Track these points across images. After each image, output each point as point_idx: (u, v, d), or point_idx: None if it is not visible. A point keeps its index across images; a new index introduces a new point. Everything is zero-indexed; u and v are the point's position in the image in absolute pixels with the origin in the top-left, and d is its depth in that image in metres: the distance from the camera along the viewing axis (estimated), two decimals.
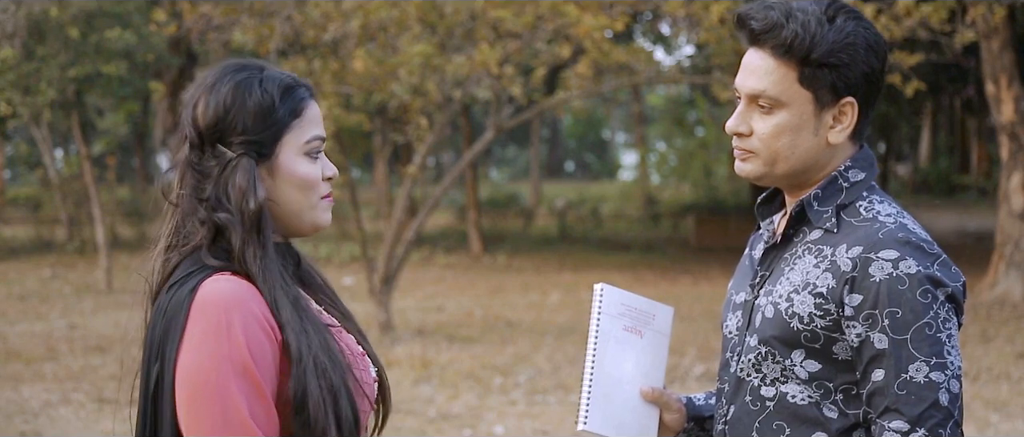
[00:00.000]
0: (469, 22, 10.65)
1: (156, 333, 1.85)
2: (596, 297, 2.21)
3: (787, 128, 2.02)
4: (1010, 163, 13.84)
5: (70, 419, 7.77)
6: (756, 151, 2.05)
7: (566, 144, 58.73)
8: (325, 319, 1.96)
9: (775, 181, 2.10)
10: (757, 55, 2.03)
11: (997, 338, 10.92)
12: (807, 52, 1.98)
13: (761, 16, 2.01)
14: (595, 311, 2.21)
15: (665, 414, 2.26)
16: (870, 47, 2.00)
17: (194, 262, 1.87)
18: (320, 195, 1.96)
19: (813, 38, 1.97)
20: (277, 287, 1.86)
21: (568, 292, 15.18)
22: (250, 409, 1.78)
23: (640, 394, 2.23)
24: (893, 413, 1.92)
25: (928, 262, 1.94)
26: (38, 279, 16.88)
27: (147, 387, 1.87)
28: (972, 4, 11.74)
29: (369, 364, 1.99)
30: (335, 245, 20.78)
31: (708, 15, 10.00)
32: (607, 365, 2.20)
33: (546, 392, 8.63)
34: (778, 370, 2.05)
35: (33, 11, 14.73)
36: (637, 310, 2.26)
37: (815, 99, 2.01)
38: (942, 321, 1.93)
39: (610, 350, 2.21)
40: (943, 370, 1.92)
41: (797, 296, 2.01)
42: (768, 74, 2.01)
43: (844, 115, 2.02)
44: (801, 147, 2.03)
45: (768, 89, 2.01)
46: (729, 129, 2.07)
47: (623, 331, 2.23)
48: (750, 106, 2.05)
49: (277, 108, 1.91)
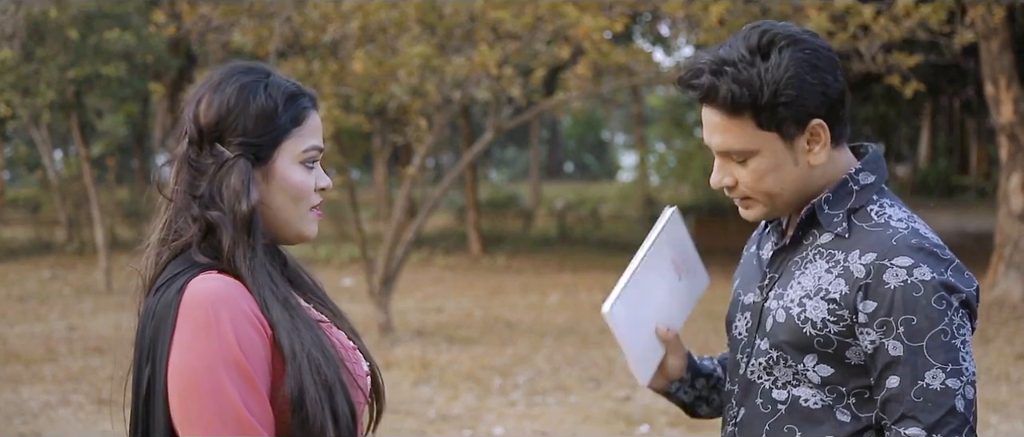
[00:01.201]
0: (468, 23, 10.65)
1: (146, 335, 1.86)
2: (665, 216, 2.26)
3: (767, 170, 2.01)
4: (1009, 164, 13.83)
5: (69, 420, 7.77)
6: (751, 196, 2.06)
7: (565, 145, 58.73)
8: (315, 315, 1.97)
9: (787, 211, 2.09)
10: (710, 113, 2.01)
11: (996, 339, 10.92)
12: (752, 102, 1.95)
13: (695, 81, 1.99)
14: (659, 228, 2.25)
15: (670, 357, 2.29)
16: (815, 68, 1.96)
17: (183, 261, 1.88)
18: (310, 205, 1.97)
19: (752, 88, 1.95)
20: (266, 287, 1.86)
21: (567, 293, 15.18)
22: (245, 403, 1.78)
23: (655, 329, 2.27)
24: (909, 420, 1.93)
25: (942, 268, 1.94)
26: (37, 280, 16.88)
27: (139, 390, 1.87)
28: (971, 5, 11.74)
29: (361, 358, 2.00)
30: (334, 246, 20.79)
31: (707, 16, 9.99)
32: (647, 277, 2.24)
33: (545, 393, 8.63)
34: (790, 374, 2.05)
35: (32, 12, 14.72)
36: (688, 255, 2.33)
37: (781, 135, 1.99)
38: (957, 327, 1.93)
39: (653, 268, 2.26)
40: (959, 377, 1.92)
41: (810, 301, 2.01)
42: (727, 131, 2.00)
43: (816, 136, 2.01)
44: (789, 179, 2.03)
45: (733, 145, 2.01)
46: (714, 185, 2.07)
47: (670, 261, 2.28)
48: (725, 160, 2.05)
49: (279, 114, 1.92)
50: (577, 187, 40.59)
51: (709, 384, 2.35)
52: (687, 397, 2.35)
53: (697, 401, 2.36)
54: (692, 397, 2.35)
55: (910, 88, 10.28)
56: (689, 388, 2.34)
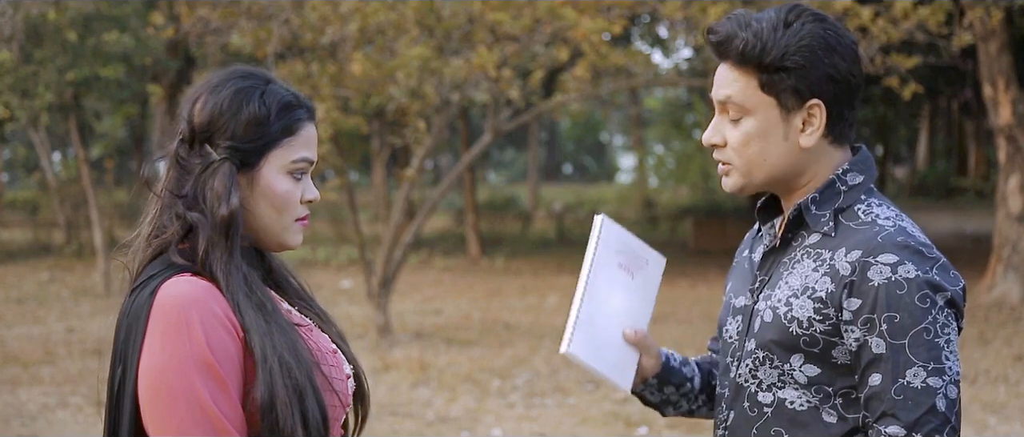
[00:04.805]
0: (467, 25, 10.65)
1: (119, 336, 1.87)
2: (596, 227, 2.23)
3: (755, 135, 2.03)
4: (1008, 166, 13.84)
5: (68, 422, 7.77)
6: (732, 162, 2.07)
7: (564, 147, 58.75)
8: (295, 319, 1.97)
9: (757, 189, 2.11)
10: (722, 67, 2.06)
11: (995, 340, 10.92)
12: (760, 57, 1.99)
13: (721, 28, 2.04)
14: (593, 241, 2.22)
15: (644, 358, 2.28)
16: (830, 47, 1.99)
17: (161, 262, 1.89)
18: (294, 217, 1.97)
19: (766, 43, 1.99)
20: (240, 291, 1.86)
21: (566, 295, 15.17)
22: (216, 403, 1.78)
23: (623, 335, 2.24)
24: (889, 418, 1.92)
25: (927, 266, 1.93)
26: (36, 282, 16.87)
27: (111, 391, 1.88)
28: (969, 7, 11.75)
29: (342, 361, 1.99)
30: (333, 248, 20.79)
31: (706, 18, 10.00)
32: (597, 295, 2.21)
33: (544, 395, 8.63)
34: (775, 375, 2.05)
35: (31, 14, 14.72)
36: (633, 251, 2.28)
37: (779, 103, 2.01)
38: (941, 326, 1.92)
39: (602, 282, 2.22)
40: (941, 375, 1.91)
41: (796, 300, 2.01)
42: (732, 83, 2.03)
43: (813, 117, 2.02)
44: (773, 154, 2.03)
45: (733, 96, 2.03)
46: (705, 141, 2.09)
47: (617, 267, 2.24)
48: (722, 117, 2.07)
49: (271, 122, 1.92)
50: (576, 189, 40.63)
51: (679, 392, 2.34)
52: (653, 398, 2.35)
53: (663, 403, 2.36)
54: (658, 399, 2.35)
55: (908, 90, 10.28)
56: (656, 391, 2.33)
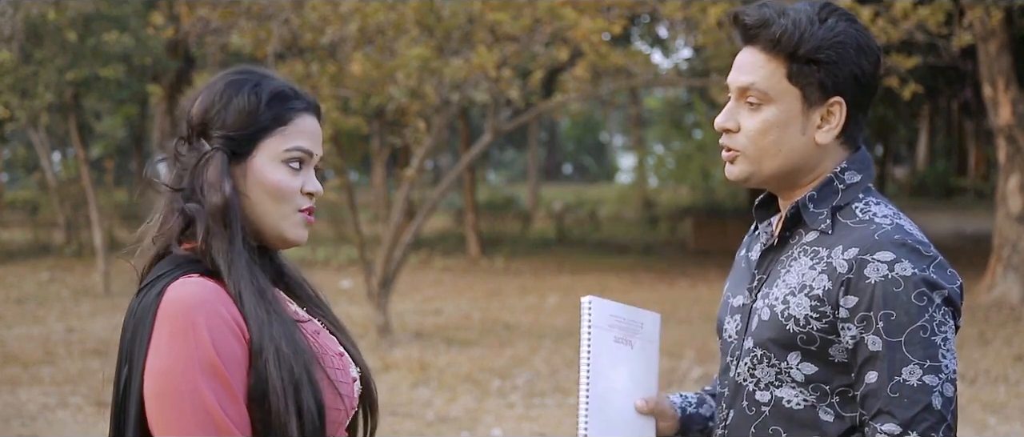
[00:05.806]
0: (467, 25, 10.65)
1: (126, 337, 1.87)
2: (585, 311, 2.20)
3: (774, 124, 2.02)
4: (1007, 166, 13.84)
5: (68, 422, 7.77)
6: (743, 150, 2.05)
7: (564, 147, 58.71)
8: (301, 317, 1.96)
9: (763, 182, 2.09)
10: (749, 52, 2.04)
11: (995, 340, 10.92)
12: (796, 47, 1.99)
13: (754, 13, 2.04)
14: (586, 325, 2.20)
15: (660, 421, 2.26)
16: (860, 48, 2.01)
17: (169, 262, 1.89)
18: (295, 208, 1.95)
19: (803, 34, 1.99)
20: (243, 279, 1.85)
21: (566, 295, 15.18)
22: (221, 405, 1.77)
23: (635, 408, 2.22)
24: (885, 415, 1.92)
25: (924, 264, 1.93)
26: (36, 282, 16.87)
27: (117, 392, 1.87)
28: (969, 7, 11.75)
29: (348, 363, 1.99)
30: (333, 248, 20.79)
31: (706, 18, 10.00)
32: (602, 377, 2.19)
33: (544, 395, 8.64)
34: (772, 374, 2.04)
35: (31, 14, 14.71)
36: (626, 320, 2.25)
37: (803, 96, 2.01)
38: (937, 324, 1.92)
39: (603, 362, 2.20)
40: (937, 373, 1.91)
41: (793, 298, 2.01)
42: (759, 68, 2.02)
43: (832, 115, 2.02)
44: (788, 145, 2.03)
45: (758, 82, 2.02)
46: (718, 125, 2.07)
47: (614, 343, 2.22)
48: (739, 102, 2.06)
49: (261, 111, 1.93)
50: (575, 189, 40.61)
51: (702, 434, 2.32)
52: None
53: None
54: None
55: (908, 90, 10.29)
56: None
